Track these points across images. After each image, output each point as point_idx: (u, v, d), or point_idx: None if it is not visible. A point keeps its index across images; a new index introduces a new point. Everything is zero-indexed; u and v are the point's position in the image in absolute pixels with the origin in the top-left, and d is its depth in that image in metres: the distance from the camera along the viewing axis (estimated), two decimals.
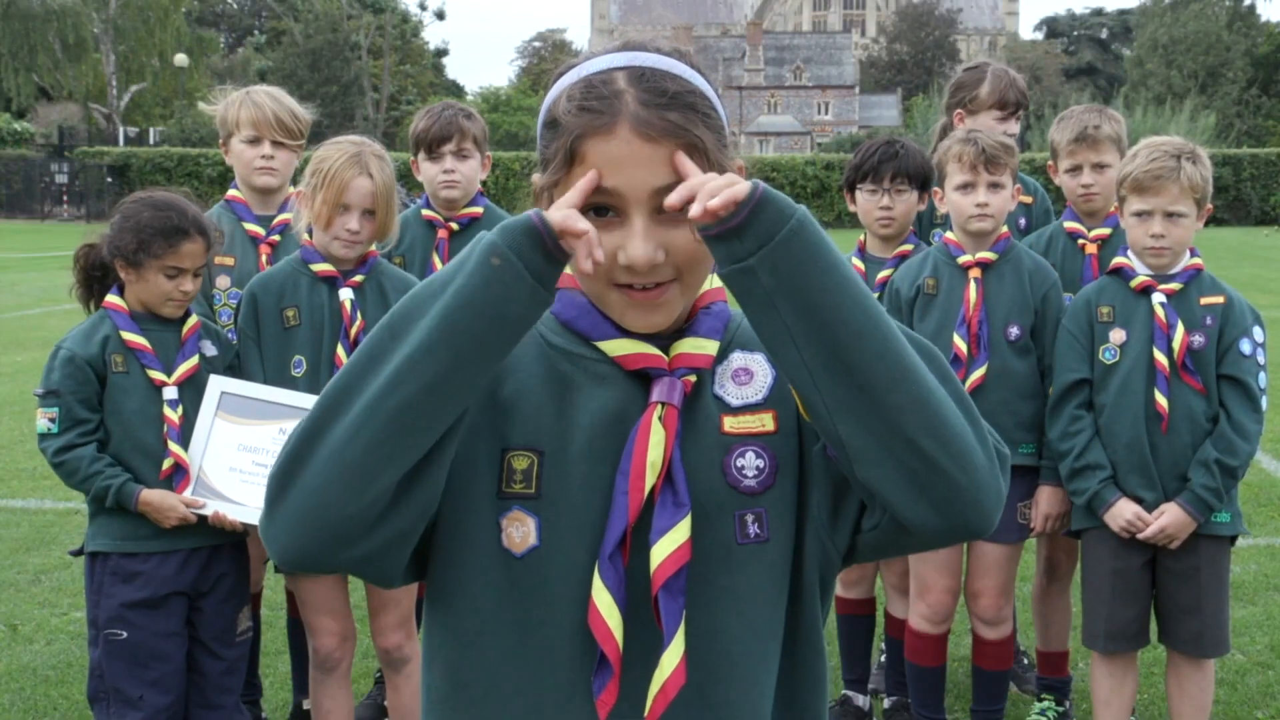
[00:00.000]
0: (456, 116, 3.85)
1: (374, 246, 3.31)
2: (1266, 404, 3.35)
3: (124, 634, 3.05)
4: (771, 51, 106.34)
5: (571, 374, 1.41)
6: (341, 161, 3.18)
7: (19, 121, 46.92)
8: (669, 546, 1.33)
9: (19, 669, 4.43)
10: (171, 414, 3.07)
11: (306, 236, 3.30)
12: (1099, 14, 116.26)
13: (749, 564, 1.39)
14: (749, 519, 1.39)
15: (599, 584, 1.33)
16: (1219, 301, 3.33)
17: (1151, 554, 3.37)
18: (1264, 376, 3.33)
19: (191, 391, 3.11)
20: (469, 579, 1.38)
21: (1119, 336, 3.37)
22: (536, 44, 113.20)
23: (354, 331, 3.24)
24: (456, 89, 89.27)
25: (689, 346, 1.41)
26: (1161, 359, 3.29)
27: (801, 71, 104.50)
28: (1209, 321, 3.31)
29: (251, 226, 3.71)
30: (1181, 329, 3.30)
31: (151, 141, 50.38)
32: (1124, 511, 3.30)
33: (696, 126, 1.34)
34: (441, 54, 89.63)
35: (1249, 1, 78.68)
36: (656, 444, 1.35)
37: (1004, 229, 3.59)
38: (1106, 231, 3.81)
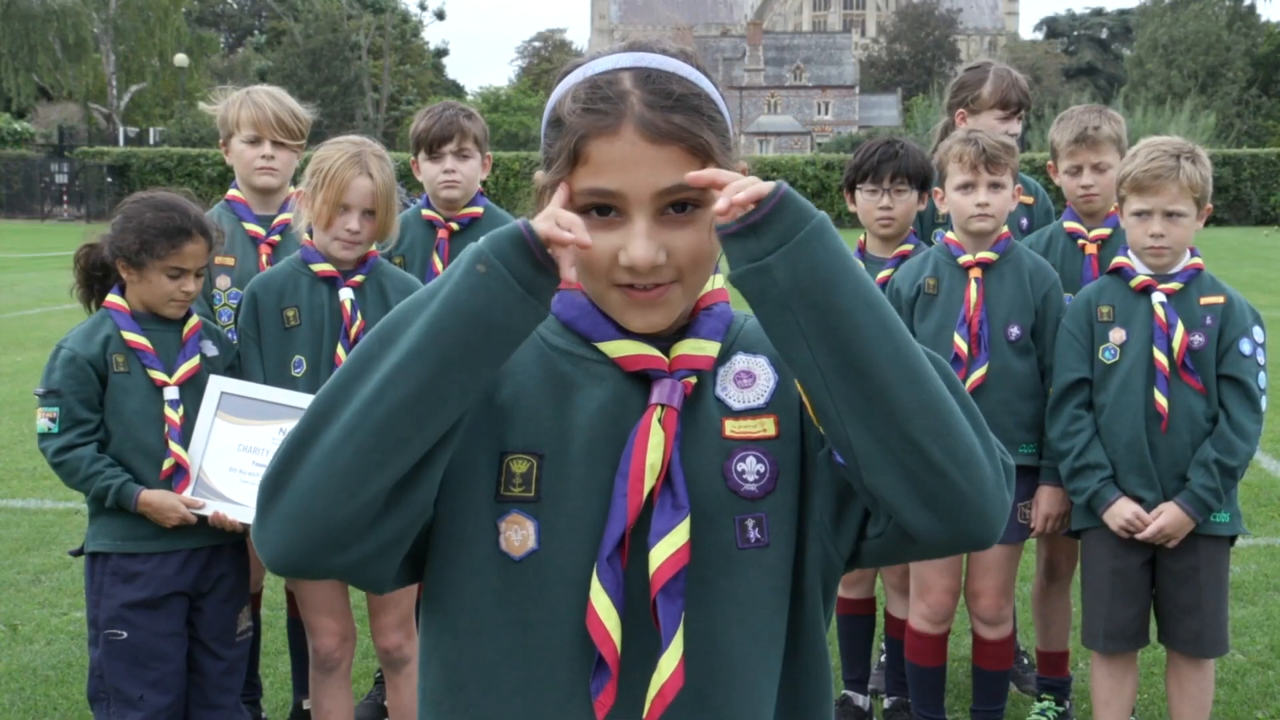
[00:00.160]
0: (457, 116, 3.84)
1: (374, 246, 3.31)
2: (1266, 404, 3.35)
3: (124, 634, 3.05)
4: (771, 51, 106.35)
5: (572, 375, 1.41)
6: (342, 161, 3.18)
7: (19, 121, 46.94)
8: (668, 549, 1.33)
9: (19, 669, 4.43)
10: (172, 414, 3.07)
11: (307, 236, 3.30)
12: (1099, 14, 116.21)
13: (749, 569, 1.39)
14: (749, 524, 1.39)
15: (597, 586, 1.33)
16: (1219, 301, 3.33)
17: (1151, 554, 3.37)
18: (1264, 376, 3.33)
19: (192, 392, 3.11)
20: (466, 580, 1.38)
21: (1119, 336, 3.37)
22: (536, 44, 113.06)
23: (354, 331, 3.24)
24: (456, 89, 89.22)
25: (690, 348, 1.41)
26: (1161, 359, 3.29)
27: (801, 71, 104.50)
28: (1209, 321, 3.31)
29: (252, 226, 3.71)
30: (1181, 329, 3.30)
31: (151, 141, 50.35)
32: (1123, 511, 3.30)
33: (701, 129, 1.34)
34: (441, 54, 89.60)
35: (1249, 1, 78.69)
36: (655, 446, 1.34)
37: (1004, 229, 3.59)
38: (1106, 231, 3.81)
